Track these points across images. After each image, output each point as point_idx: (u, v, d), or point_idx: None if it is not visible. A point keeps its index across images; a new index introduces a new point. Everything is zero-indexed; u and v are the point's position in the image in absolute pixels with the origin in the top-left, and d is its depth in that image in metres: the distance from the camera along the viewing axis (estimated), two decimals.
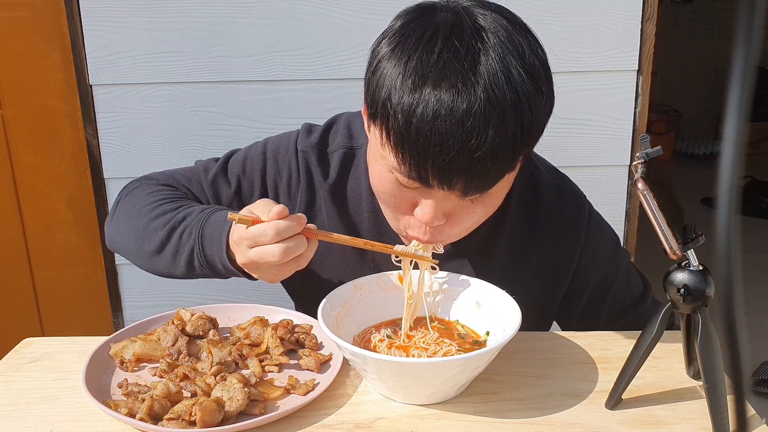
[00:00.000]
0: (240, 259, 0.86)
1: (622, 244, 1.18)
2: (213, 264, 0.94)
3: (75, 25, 1.70)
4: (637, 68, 1.75)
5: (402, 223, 0.94)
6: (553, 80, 0.87)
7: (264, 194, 1.09)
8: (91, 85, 1.75)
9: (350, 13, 1.70)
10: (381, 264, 1.05)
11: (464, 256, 1.06)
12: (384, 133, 0.83)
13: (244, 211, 0.85)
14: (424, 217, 0.88)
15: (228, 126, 1.78)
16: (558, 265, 1.08)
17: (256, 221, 0.83)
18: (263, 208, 0.84)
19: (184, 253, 0.96)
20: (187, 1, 1.69)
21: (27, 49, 1.79)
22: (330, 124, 1.11)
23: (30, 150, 1.87)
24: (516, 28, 0.83)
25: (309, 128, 1.11)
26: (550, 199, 1.07)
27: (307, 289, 1.10)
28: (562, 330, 1.19)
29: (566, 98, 1.75)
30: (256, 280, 0.93)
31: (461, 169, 0.80)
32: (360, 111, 1.07)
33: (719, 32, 5.07)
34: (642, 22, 1.71)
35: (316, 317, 0.89)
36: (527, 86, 0.80)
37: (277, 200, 1.07)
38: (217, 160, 1.13)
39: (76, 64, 1.74)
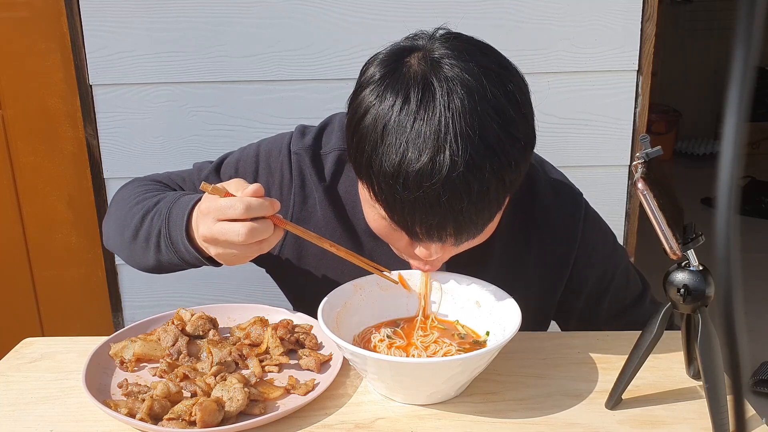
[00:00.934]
0: (203, 231, 0.85)
1: (621, 244, 1.17)
2: (176, 244, 0.94)
3: (75, 25, 1.70)
4: (637, 68, 1.75)
5: (401, 253, 0.96)
6: (554, 79, 0.86)
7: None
8: (91, 85, 1.75)
9: (350, 13, 1.70)
10: (381, 264, 1.05)
11: (461, 258, 1.05)
12: (371, 194, 0.85)
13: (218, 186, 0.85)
14: (422, 255, 0.90)
15: (228, 126, 1.78)
16: (555, 264, 1.08)
17: (228, 195, 0.83)
18: (237, 185, 0.85)
19: (153, 235, 0.98)
20: (187, 1, 1.69)
21: (27, 49, 1.79)
22: (324, 126, 1.11)
23: (30, 150, 1.87)
24: (488, 75, 0.81)
25: (303, 130, 1.10)
26: (547, 198, 1.07)
27: (305, 290, 1.10)
28: (562, 330, 1.19)
29: (566, 98, 1.75)
30: (219, 265, 0.94)
31: (449, 227, 0.83)
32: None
33: (719, 32, 5.07)
34: (642, 22, 1.71)
35: (315, 317, 0.89)
36: (503, 142, 0.80)
37: None
38: (207, 163, 1.14)
39: (76, 64, 1.74)
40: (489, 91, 0.80)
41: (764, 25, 0.29)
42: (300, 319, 1.02)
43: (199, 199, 0.90)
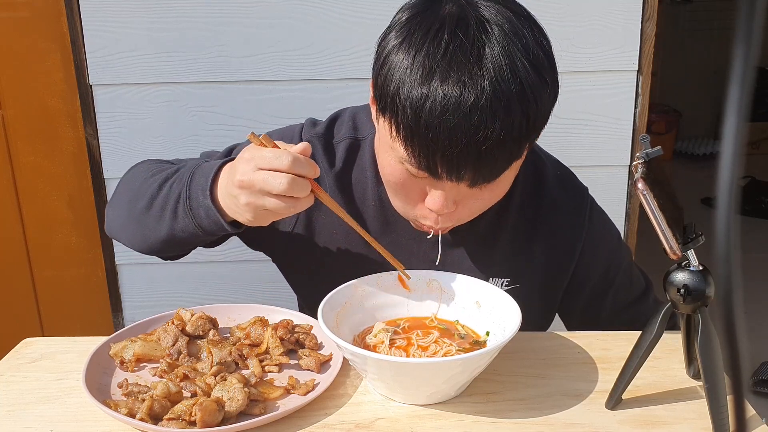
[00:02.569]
0: (240, 177, 0.83)
1: (625, 242, 1.18)
2: (196, 207, 0.92)
3: (75, 25, 1.70)
4: (637, 68, 1.75)
5: (412, 212, 0.95)
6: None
7: None
8: (91, 85, 1.75)
9: (350, 13, 1.70)
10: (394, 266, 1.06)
11: (467, 247, 1.06)
12: (393, 126, 0.84)
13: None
14: (434, 206, 0.89)
15: (228, 126, 1.78)
16: (560, 256, 1.09)
17: (275, 145, 0.83)
18: (283, 143, 0.85)
19: (171, 200, 0.95)
20: (187, 1, 1.69)
21: (27, 49, 1.79)
22: (335, 117, 1.12)
23: (30, 150, 1.87)
24: (520, 20, 0.84)
25: (313, 122, 1.12)
26: (553, 191, 1.08)
27: (316, 287, 1.10)
28: (565, 325, 1.19)
29: (566, 98, 1.74)
30: (238, 231, 0.93)
31: (469, 161, 0.82)
32: (364, 105, 1.09)
33: (719, 32, 5.07)
34: (642, 22, 1.71)
35: (316, 317, 0.89)
36: (532, 78, 0.81)
37: None
38: (216, 152, 1.13)
39: (76, 64, 1.74)
40: (522, 33, 0.83)
41: (764, 24, 0.29)
42: (300, 319, 1.02)
43: (228, 160, 0.90)
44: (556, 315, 1.19)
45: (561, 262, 1.09)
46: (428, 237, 0.98)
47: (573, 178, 1.13)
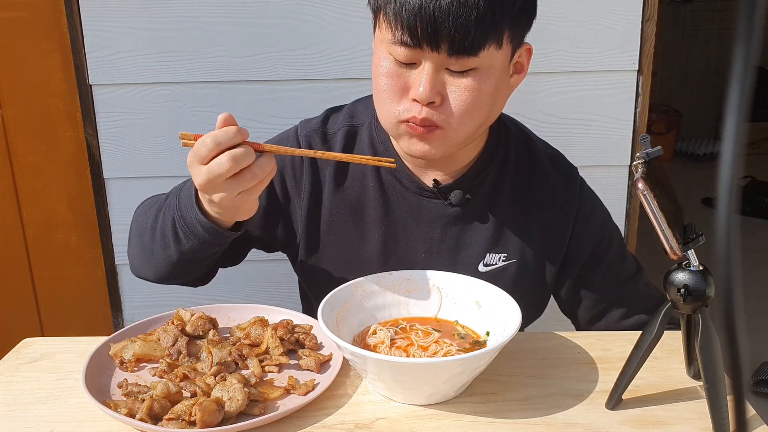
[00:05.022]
0: (197, 182, 0.85)
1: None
2: (192, 225, 0.94)
3: (75, 25, 1.70)
4: (637, 68, 1.75)
5: (399, 108, 0.96)
6: (554, 79, 0.89)
7: (270, 187, 1.10)
8: (91, 85, 1.75)
9: (350, 13, 1.70)
10: (405, 266, 1.07)
11: (465, 222, 1.09)
12: (382, 11, 0.91)
13: None
14: (420, 93, 0.92)
15: None
16: (554, 232, 1.11)
17: (198, 137, 0.84)
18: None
19: (168, 226, 0.98)
20: (187, 1, 1.69)
21: (27, 49, 1.79)
22: (328, 113, 1.15)
23: (30, 150, 1.87)
24: None
25: (308, 121, 1.14)
26: (544, 166, 1.12)
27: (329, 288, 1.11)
28: (557, 303, 1.20)
29: (566, 98, 1.75)
30: (239, 229, 0.95)
31: (444, 16, 0.86)
32: (359, 99, 1.15)
33: (719, 32, 5.07)
34: (642, 23, 1.71)
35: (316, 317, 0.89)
36: None
37: (284, 188, 1.11)
38: None
39: (76, 64, 1.74)
40: None
41: (765, 24, 0.29)
42: (300, 319, 1.02)
43: None
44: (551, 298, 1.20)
45: (555, 238, 1.11)
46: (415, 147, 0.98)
47: (563, 158, 1.16)
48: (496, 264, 1.09)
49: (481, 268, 1.09)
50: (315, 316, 0.91)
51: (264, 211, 1.10)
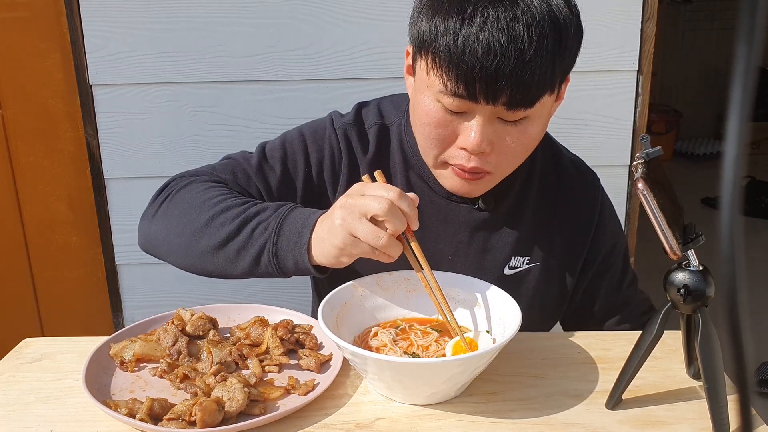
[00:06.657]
0: (345, 198, 0.86)
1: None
2: (283, 262, 0.91)
3: (75, 25, 1.70)
4: (637, 68, 1.74)
5: (445, 154, 0.96)
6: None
7: (308, 174, 1.09)
8: (91, 86, 1.75)
9: (350, 13, 1.69)
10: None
11: (493, 226, 1.09)
12: (431, 57, 0.89)
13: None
14: (470, 142, 0.91)
15: (228, 126, 1.78)
16: (576, 235, 1.12)
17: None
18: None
19: (253, 248, 0.93)
20: (187, 1, 1.69)
21: (27, 49, 1.79)
22: (361, 106, 1.14)
23: (30, 150, 1.87)
24: None
25: (340, 113, 1.14)
26: (568, 171, 1.14)
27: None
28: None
29: (566, 98, 1.74)
30: (325, 274, 0.93)
31: (506, 74, 0.85)
32: (386, 95, 1.15)
33: (719, 32, 5.07)
34: (642, 22, 1.71)
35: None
36: (562, 7, 0.87)
37: (320, 179, 1.10)
38: (247, 152, 1.13)
39: (76, 64, 1.74)
40: None
41: (766, 24, 0.29)
42: (300, 319, 1.02)
43: (324, 212, 0.90)
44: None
45: (577, 242, 1.12)
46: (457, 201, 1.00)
47: (584, 163, 1.18)
48: (520, 267, 1.10)
49: (506, 271, 1.09)
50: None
51: (300, 200, 1.09)
